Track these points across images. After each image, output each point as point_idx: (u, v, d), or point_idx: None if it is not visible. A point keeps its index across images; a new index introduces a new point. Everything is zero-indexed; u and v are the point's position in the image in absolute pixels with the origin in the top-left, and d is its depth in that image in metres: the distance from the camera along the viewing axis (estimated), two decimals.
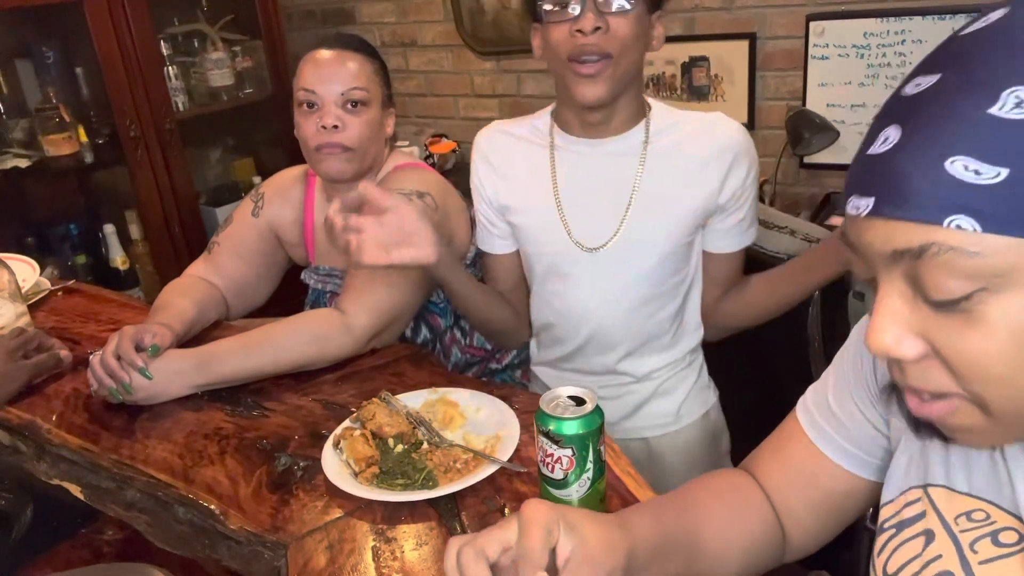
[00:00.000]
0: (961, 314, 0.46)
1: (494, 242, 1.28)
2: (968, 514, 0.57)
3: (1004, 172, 0.43)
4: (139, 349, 1.09)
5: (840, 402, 0.71)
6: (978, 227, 0.44)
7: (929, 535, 0.59)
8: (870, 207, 0.48)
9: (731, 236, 1.20)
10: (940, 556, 0.58)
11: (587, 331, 1.22)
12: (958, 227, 0.44)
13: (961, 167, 0.44)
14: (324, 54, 1.26)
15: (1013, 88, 0.43)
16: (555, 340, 1.28)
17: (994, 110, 0.43)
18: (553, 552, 0.58)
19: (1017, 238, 0.44)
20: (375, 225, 1.04)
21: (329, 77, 1.24)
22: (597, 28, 1.05)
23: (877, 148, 0.48)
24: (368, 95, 1.25)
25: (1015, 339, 0.45)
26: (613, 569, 0.60)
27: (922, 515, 0.61)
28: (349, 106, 1.24)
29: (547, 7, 1.08)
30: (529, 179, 1.21)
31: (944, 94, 0.45)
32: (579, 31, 1.05)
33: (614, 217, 1.16)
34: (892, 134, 0.47)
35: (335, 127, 1.23)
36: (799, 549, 0.77)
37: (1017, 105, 0.43)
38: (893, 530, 0.63)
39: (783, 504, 0.76)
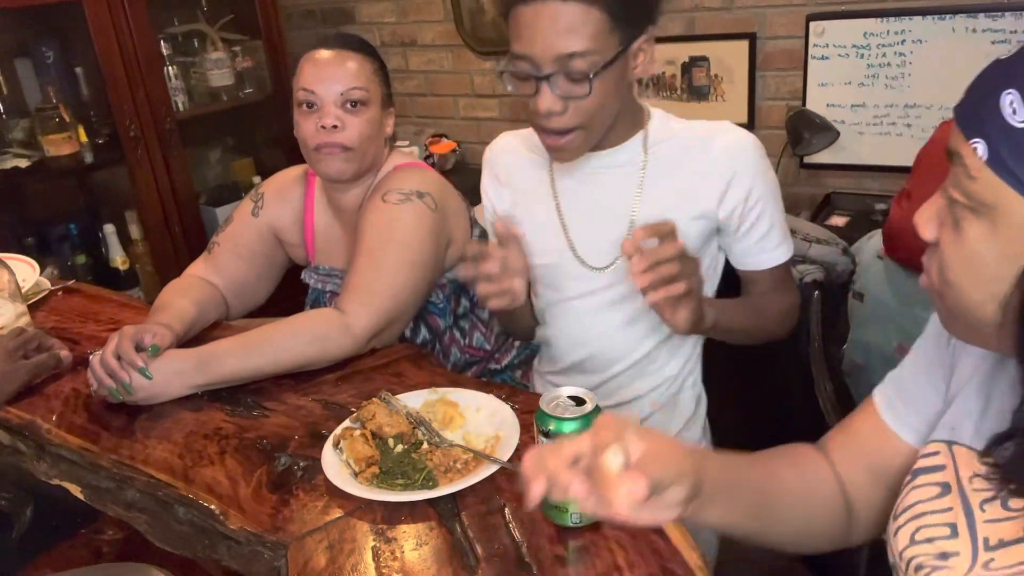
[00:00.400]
0: (956, 223, 0.56)
1: None
2: (984, 475, 0.60)
3: None
4: (139, 349, 1.09)
5: (914, 375, 0.76)
6: (985, 157, 0.52)
7: (945, 487, 0.63)
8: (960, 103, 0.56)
9: (755, 254, 1.14)
10: (950, 509, 0.62)
11: (584, 351, 1.20)
12: (975, 149, 0.53)
13: (1008, 101, 0.51)
14: (323, 54, 1.26)
15: None
16: (551, 358, 1.27)
17: None
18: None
19: (1006, 184, 0.52)
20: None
21: (328, 77, 1.24)
22: (554, 113, 1.00)
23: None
24: (368, 95, 1.25)
25: (971, 259, 0.55)
26: (681, 473, 0.61)
27: (941, 467, 0.65)
28: (349, 106, 1.24)
29: (508, 82, 1.04)
30: (532, 192, 1.21)
31: None
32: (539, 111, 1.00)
33: (619, 234, 1.13)
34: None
35: (335, 127, 1.23)
36: (866, 528, 0.79)
37: None
38: (910, 476, 0.67)
39: (851, 479, 0.79)
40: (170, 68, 2.48)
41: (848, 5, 2.13)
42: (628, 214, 1.12)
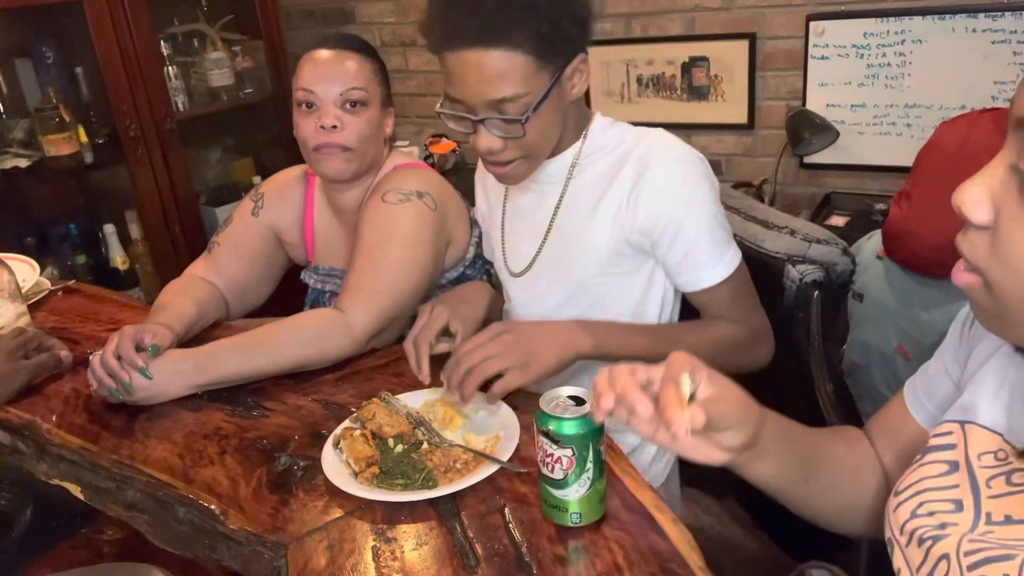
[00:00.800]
0: None
1: (487, 250, 1.34)
2: (994, 453, 0.61)
3: None
4: (139, 349, 1.09)
5: (937, 361, 0.77)
6: None
7: (953, 465, 0.63)
8: None
9: (683, 273, 1.08)
10: (956, 486, 0.62)
11: None
12: None
13: None
14: (323, 54, 1.26)
15: None
16: None
17: None
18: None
19: None
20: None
21: (328, 77, 1.24)
22: (493, 151, 1.01)
23: None
24: (367, 95, 1.25)
25: None
26: (743, 420, 0.64)
27: (952, 447, 0.65)
28: (348, 106, 1.24)
29: (447, 120, 1.03)
30: (495, 199, 1.25)
31: None
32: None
33: (534, 245, 1.15)
34: None
35: (334, 127, 1.23)
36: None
37: None
38: (920, 455, 0.68)
39: (885, 463, 0.81)
40: (170, 68, 2.48)
41: (848, 5, 2.13)
42: (548, 220, 1.14)
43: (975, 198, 0.53)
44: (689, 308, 1.18)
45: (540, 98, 0.98)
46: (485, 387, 1.05)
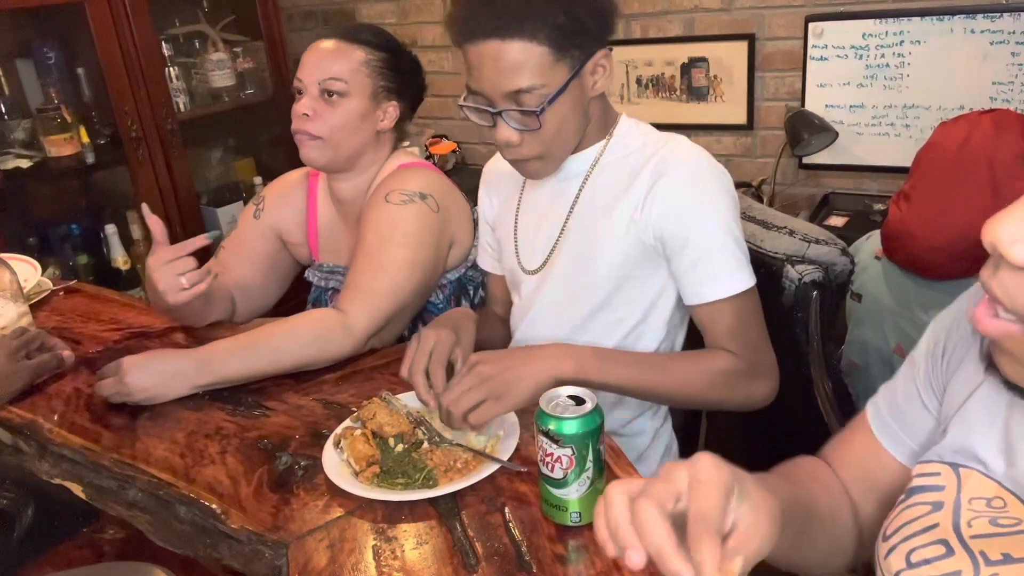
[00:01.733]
0: None
1: (487, 260, 1.33)
2: (989, 500, 0.58)
3: None
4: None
5: (907, 391, 0.73)
6: None
7: (937, 505, 0.61)
8: None
9: (686, 284, 1.06)
10: (937, 525, 0.59)
11: None
12: None
13: None
14: (319, 43, 1.28)
15: None
16: None
17: None
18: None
19: None
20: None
21: (311, 65, 1.26)
22: (512, 145, 1.02)
23: None
24: (346, 87, 1.25)
25: None
26: (771, 538, 0.55)
27: (940, 488, 0.62)
28: (326, 96, 1.25)
29: (468, 113, 1.05)
30: (508, 199, 1.24)
31: None
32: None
33: (550, 241, 1.15)
34: None
35: (305, 115, 1.25)
36: (868, 543, 0.73)
37: None
38: (904, 495, 0.65)
39: (851, 494, 0.77)
40: (171, 69, 2.49)
41: (847, 6, 2.13)
42: (563, 218, 1.13)
43: (1014, 235, 0.44)
44: (692, 338, 1.16)
45: (557, 91, 0.98)
46: None
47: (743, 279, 1.05)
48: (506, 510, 0.86)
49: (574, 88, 1.00)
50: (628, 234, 1.06)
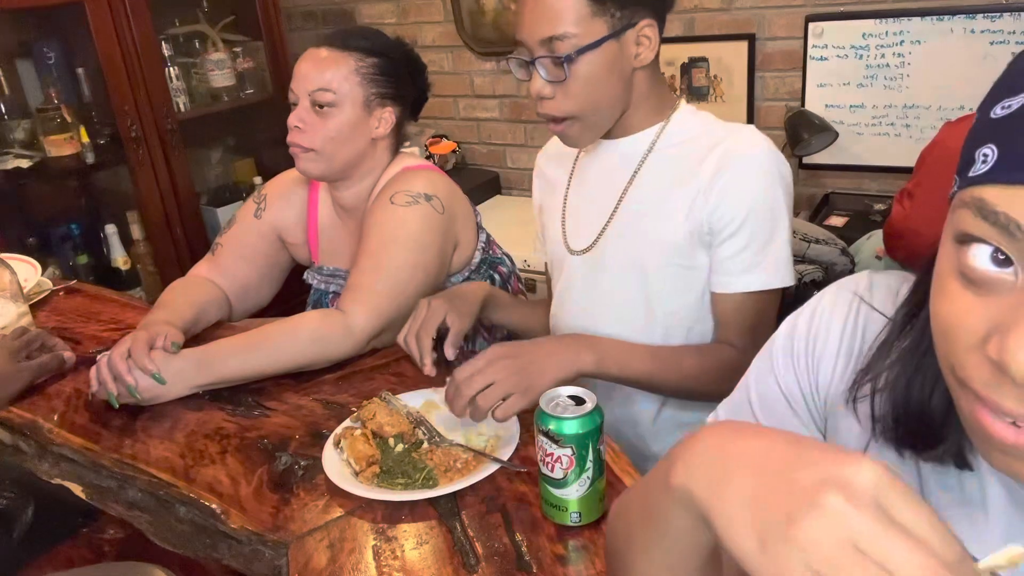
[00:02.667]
0: None
1: (540, 250, 1.33)
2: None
3: None
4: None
5: (780, 422, 0.63)
6: None
7: None
8: None
9: (719, 272, 1.05)
10: None
11: None
12: None
13: None
14: (310, 52, 1.27)
15: None
16: None
17: None
18: None
19: None
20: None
21: (302, 76, 1.26)
22: (544, 97, 1.03)
23: None
24: (336, 97, 1.24)
25: None
26: None
27: None
28: (317, 107, 1.25)
29: (513, 68, 1.08)
30: (558, 182, 1.24)
31: None
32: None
33: (600, 222, 1.13)
34: None
35: (296, 127, 1.25)
36: None
37: None
38: None
39: None
40: (171, 69, 2.49)
41: (847, 6, 2.13)
42: (615, 201, 1.12)
43: None
44: None
45: (589, 44, 0.99)
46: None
47: (784, 276, 1.05)
48: (506, 510, 0.86)
49: (610, 49, 1.00)
50: (687, 221, 1.05)
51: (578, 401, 0.80)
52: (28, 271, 1.51)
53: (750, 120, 2.36)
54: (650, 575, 0.55)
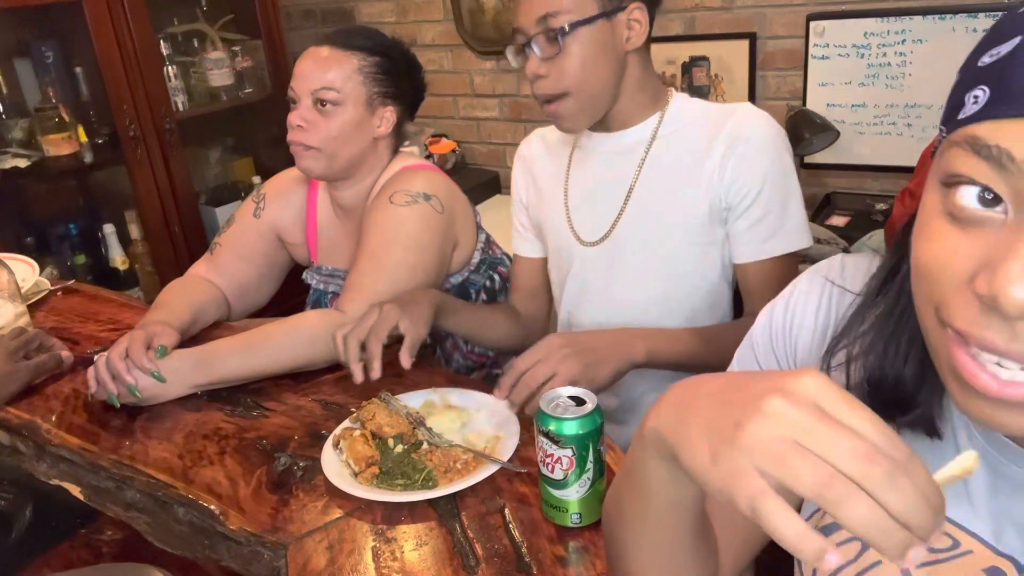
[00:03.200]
0: None
1: (522, 244, 1.31)
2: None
3: None
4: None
5: None
6: None
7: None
8: None
9: (743, 243, 1.09)
10: (879, 563, 0.55)
11: None
12: None
13: None
14: (310, 51, 1.27)
15: None
16: None
17: None
18: None
19: None
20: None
21: (304, 75, 1.25)
22: (539, 75, 1.05)
23: None
24: (339, 96, 1.24)
25: None
26: None
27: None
28: (319, 105, 1.24)
29: (511, 56, 1.10)
30: (552, 176, 1.24)
31: None
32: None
33: (612, 212, 1.15)
34: None
35: (299, 126, 1.24)
36: (727, 566, 0.65)
37: None
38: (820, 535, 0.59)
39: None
40: (170, 68, 2.48)
41: (848, 5, 2.12)
42: (625, 190, 1.14)
43: None
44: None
45: (582, 19, 1.02)
46: (486, 386, 1.05)
47: (804, 238, 1.10)
48: (506, 511, 0.85)
49: (603, 29, 1.04)
50: (706, 200, 1.08)
51: (578, 402, 0.80)
52: (26, 271, 1.51)
53: None
54: (639, 552, 0.57)
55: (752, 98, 2.34)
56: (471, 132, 2.96)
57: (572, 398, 0.80)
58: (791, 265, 1.11)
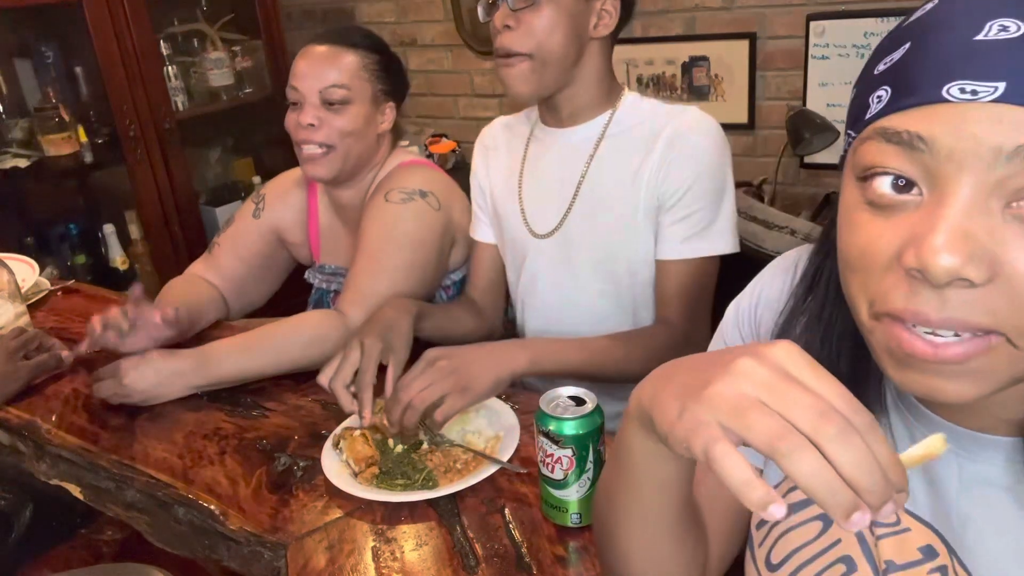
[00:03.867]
0: None
1: (481, 228, 1.31)
2: None
3: None
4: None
5: None
6: None
7: (826, 520, 0.57)
8: (998, 92, 0.40)
9: (662, 240, 1.10)
10: (839, 540, 0.56)
11: (553, 330, 1.21)
12: None
13: None
14: (311, 49, 1.25)
15: None
16: None
17: None
18: None
19: None
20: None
21: (309, 74, 1.23)
22: (507, 26, 1.06)
23: (994, 35, 0.41)
24: (349, 93, 1.24)
25: None
26: None
27: (811, 501, 0.56)
28: (328, 104, 1.23)
29: (481, 9, 1.13)
30: (507, 166, 1.25)
31: None
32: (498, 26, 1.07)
33: (562, 206, 1.16)
34: (1012, 25, 0.40)
35: (311, 125, 1.23)
36: (715, 556, 0.65)
37: None
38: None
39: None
40: (170, 68, 2.48)
41: (848, 5, 2.12)
42: (575, 183, 1.15)
43: (968, 255, 0.40)
44: None
45: None
46: None
47: (728, 243, 1.11)
48: (506, 511, 0.85)
49: (578, 4, 1.06)
50: (644, 196, 1.10)
51: (578, 402, 0.80)
52: (26, 271, 1.51)
53: (751, 119, 2.35)
54: (628, 535, 0.58)
55: (752, 98, 2.34)
56: (471, 132, 2.95)
57: (572, 398, 0.80)
58: (708, 271, 1.11)
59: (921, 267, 0.41)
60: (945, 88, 0.41)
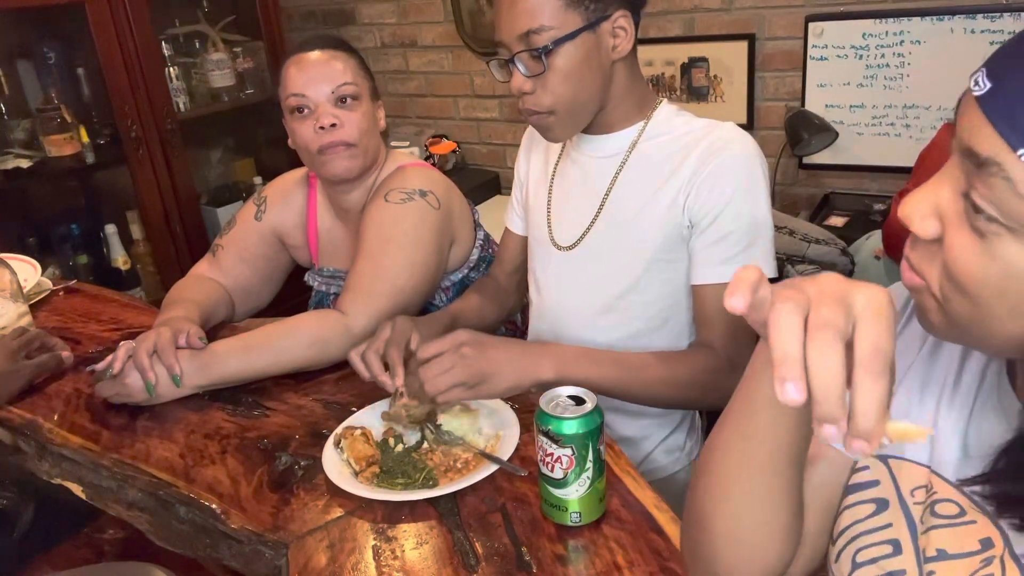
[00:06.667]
0: (980, 234, 0.47)
1: (514, 219, 1.33)
2: (925, 487, 0.58)
3: None
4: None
5: None
6: None
7: (881, 504, 0.59)
8: (985, 88, 0.46)
9: (698, 264, 1.06)
10: (890, 525, 0.58)
11: (565, 339, 1.19)
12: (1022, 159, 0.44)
13: None
14: (305, 58, 1.25)
15: None
16: None
17: None
18: None
19: None
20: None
21: (317, 77, 1.23)
22: (524, 92, 1.03)
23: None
24: (358, 89, 1.25)
25: (1007, 277, 0.46)
26: None
27: (875, 483, 0.61)
28: (341, 103, 1.24)
29: (495, 71, 1.09)
30: (542, 170, 1.24)
31: None
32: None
33: (586, 217, 1.14)
34: None
35: (333, 125, 1.22)
36: (801, 556, 0.66)
37: None
38: (843, 493, 0.63)
39: None
40: (171, 69, 2.49)
41: (847, 6, 2.13)
42: (600, 197, 1.12)
43: (920, 213, 0.50)
44: None
45: (566, 35, 0.99)
46: None
47: (769, 267, 1.06)
48: (506, 510, 0.86)
49: (587, 41, 1.01)
50: (671, 216, 1.06)
51: (578, 401, 0.80)
52: (28, 271, 1.51)
53: (750, 120, 2.36)
54: (742, 481, 0.59)
55: (751, 99, 2.34)
56: (471, 132, 2.96)
57: (572, 397, 0.81)
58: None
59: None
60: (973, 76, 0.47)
